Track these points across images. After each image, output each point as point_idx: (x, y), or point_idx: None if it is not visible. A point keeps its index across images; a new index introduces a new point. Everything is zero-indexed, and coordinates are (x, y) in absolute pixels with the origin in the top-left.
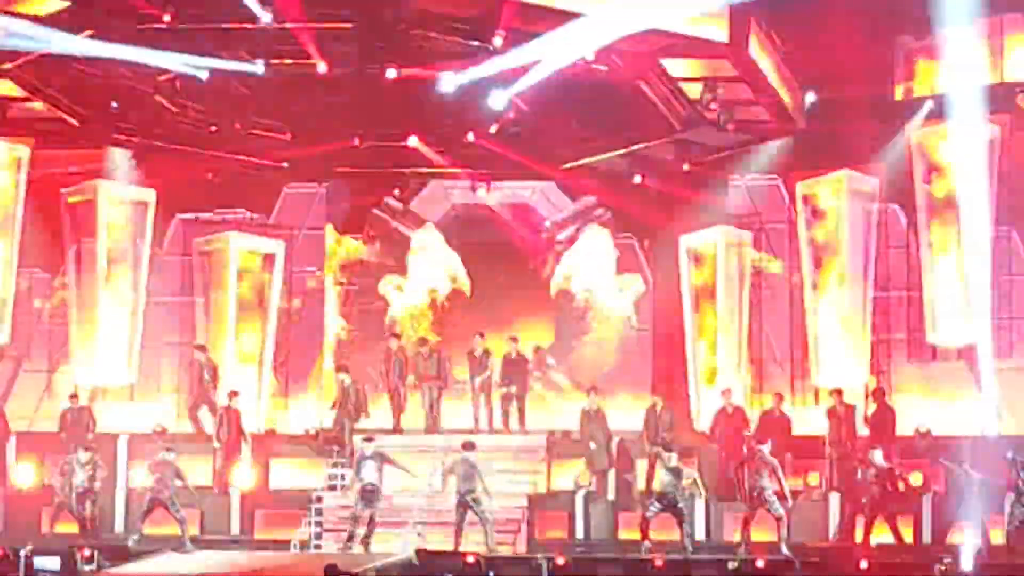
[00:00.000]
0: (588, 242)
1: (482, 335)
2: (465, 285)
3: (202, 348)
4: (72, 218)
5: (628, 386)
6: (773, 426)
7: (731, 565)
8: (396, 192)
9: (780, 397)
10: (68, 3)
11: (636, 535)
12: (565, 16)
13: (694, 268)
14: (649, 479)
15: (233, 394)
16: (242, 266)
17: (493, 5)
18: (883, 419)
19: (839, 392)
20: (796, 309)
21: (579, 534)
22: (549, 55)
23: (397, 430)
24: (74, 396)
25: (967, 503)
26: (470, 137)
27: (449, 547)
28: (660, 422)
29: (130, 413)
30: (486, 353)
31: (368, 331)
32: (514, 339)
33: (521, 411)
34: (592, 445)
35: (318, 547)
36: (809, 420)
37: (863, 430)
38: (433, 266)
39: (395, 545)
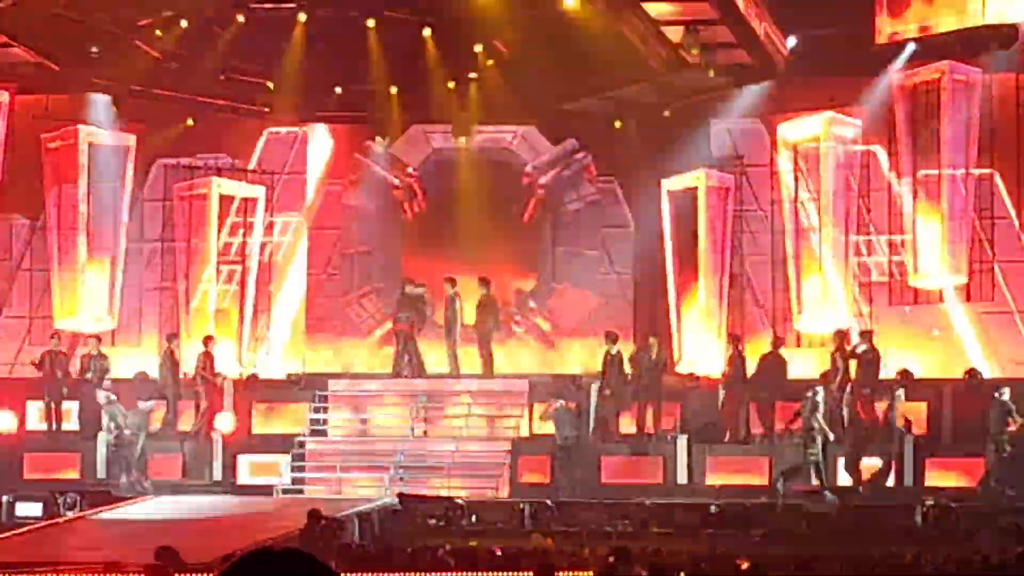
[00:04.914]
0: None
1: (452, 280)
2: None
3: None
4: (52, 163)
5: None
6: (773, 369)
7: (713, 508)
8: (377, 138)
9: (779, 340)
10: None
11: (617, 479)
12: None
13: (675, 211)
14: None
15: (208, 339)
16: (223, 211)
17: None
18: (870, 360)
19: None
20: (778, 252)
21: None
22: None
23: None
24: (56, 335)
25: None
26: (450, 85)
27: (430, 492)
28: (655, 365)
29: (111, 358)
30: (456, 296)
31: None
32: (484, 280)
33: (488, 355)
34: (606, 392)
35: (300, 492)
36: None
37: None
38: None
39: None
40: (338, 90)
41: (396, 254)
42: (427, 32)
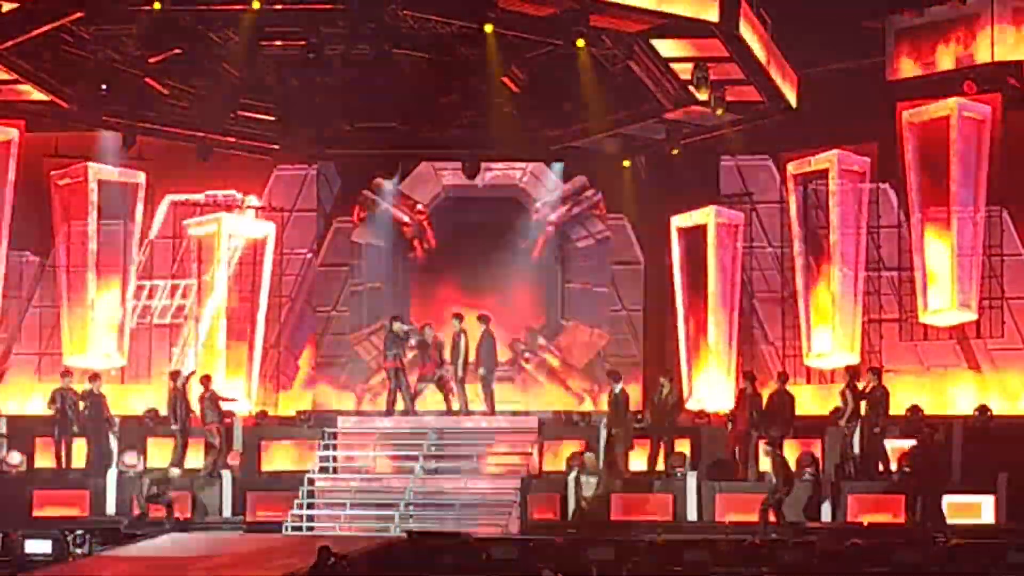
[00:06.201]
0: None
1: (460, 316)
2: None
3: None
4: (62, 201)
5: (619, 367)
6: (781, 406)
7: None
8: (387, 175)
9: (786, 376)
10: None
11: (627, 516)
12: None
13: (685, 248)
14: None
15: (206, 378)
16: (232, 248)
17: None
18: (879, 398)
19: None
20: (788, 289)
21: (571, 515)
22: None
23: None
24: (68, 373)
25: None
26: (460, 122)
27: (440, 529)
28: (665, 404)
29: (121, 396)
30: (464, 333)
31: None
32: (483, 317)
33: (489, 392)
34: (614, 430)
35: (311, 529)
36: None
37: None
38: None
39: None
40: (348, 127)
41: (405, 291)
42: (436, 70)
